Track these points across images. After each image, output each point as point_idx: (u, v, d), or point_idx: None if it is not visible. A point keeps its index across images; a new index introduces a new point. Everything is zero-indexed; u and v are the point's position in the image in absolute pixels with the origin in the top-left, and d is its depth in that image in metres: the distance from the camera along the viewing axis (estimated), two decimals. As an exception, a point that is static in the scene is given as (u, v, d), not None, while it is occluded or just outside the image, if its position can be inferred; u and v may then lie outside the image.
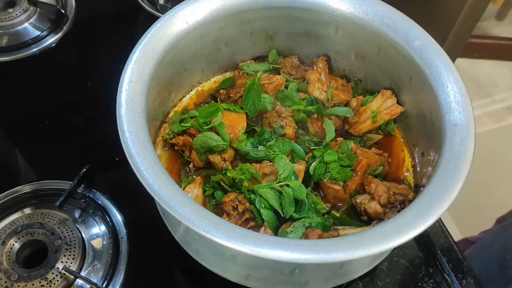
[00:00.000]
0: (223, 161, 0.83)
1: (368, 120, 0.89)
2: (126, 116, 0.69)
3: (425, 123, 0.81)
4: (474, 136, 0.70)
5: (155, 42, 0.78)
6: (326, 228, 0.76)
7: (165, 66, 0.81)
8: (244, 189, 0.77)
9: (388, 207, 0.79)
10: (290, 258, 0.58)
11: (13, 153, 1.05)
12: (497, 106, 2.41)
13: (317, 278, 0.76)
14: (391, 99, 0.88)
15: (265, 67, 0.95)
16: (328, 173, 0.81)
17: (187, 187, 0.81)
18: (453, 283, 0.89)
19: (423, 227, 0.62)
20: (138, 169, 0.64)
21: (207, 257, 0.78)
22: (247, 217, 0.77)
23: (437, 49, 0.79)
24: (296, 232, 0.75)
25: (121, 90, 0.72)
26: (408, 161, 0.88)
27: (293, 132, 0.87)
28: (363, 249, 0.59)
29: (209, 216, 0.62)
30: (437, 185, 0.67)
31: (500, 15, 2.66)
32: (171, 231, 0.81)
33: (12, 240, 0.83)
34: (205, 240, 0.60)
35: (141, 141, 0.67)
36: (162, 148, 0.87)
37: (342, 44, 0.92)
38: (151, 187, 0.63)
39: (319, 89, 0.92)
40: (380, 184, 0.80)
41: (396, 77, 0.88)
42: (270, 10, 0.88)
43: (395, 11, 0.84)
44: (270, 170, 0.80)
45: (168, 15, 0.80)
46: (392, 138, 0.92)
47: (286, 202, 0.76)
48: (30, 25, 1.21)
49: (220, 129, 0.82)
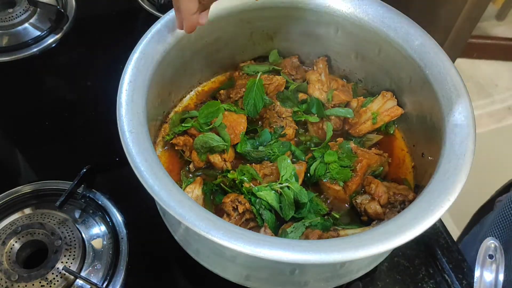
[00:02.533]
0: (224, 162, 0.83)
1: (368, 121, 0.89)
2: (126, 117, 0.69)
3: (425, 124, 0.81)
4: (474, 136, 0.70)
5: (155, 42, 0.78)
6: (326, 228, 0.76)
7: (165, 67, 0.81)
8: (244, 190, 0.77)
9: (388, 207, 0.80)
10: (290, 258, 0.58)
11: (13, 153, 1.05)
12: (497, 106, 2.41)
13: (317, 278, 0.76)
14: (392, 101, 0.88)
15: (266, 68, 0.95)
16: (328, 173, 0.81)
17: (187, 188, 0.81)
18: (453, 283, 0.89)
19: (423, 227, 0.62)
20: (139, 170, 0.64)
21: (207, 257, 0.78)
22: (247, 217, 0.77)
23: (437, 49, 0.79)
24: (296, 232, 0.75)
25: (121, 90, 0.72)
26: (408, 161, 0.88)
27: (293, 133, 0.87)
28: (363, 249, 0.59)
29: (209, 217, 0.62)
30: (437, 185, 0.67)
31: (500, 15, 2.66)
32: (171, 231, 0.82)
33: (12, 240, 0.83)
34: (205, 240, 0.59)
35: (141, 142, 0.67)
36: (162, 148, 0.87)
37: (342, 44, 0.92)
38: (151, 187, 0.63)
39: (319, 89, 0.92)
40: (380, 185, 0.80)
41: (396, 77, 0.88)
42: (270, 10, 0.88)
43: (395, 11, 0.84)
44: (270, 170, 0.80)
45: (169, 15, 0.80)
46: (392, 138, 0.92)
47: (286, 205, 0.76)
48: (30, 25, 1.21)
49: (221, 130, 0.82)
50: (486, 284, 0.79)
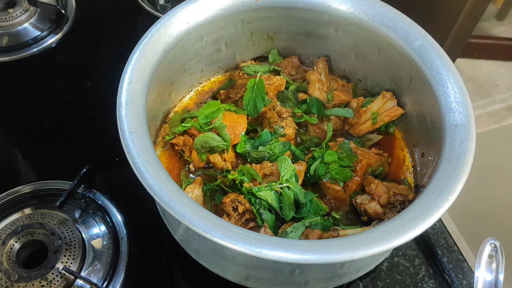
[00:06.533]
0: (224, 162, 0.83)
1: (368, 121, 0.89)
2: (126, 116, 0.69)
3: (425, 124, 0.81)
4: (474, 136, 0.70)
5: (155, 42, 0.78)
6: (326, 229, 0.76)
7: (165, 66, 0.81)
8: (244, 190, 0.77)
9: (388, 207, 0.79)
10: (290, 258, 0.58)
11: (13, 153, 1.05)
12: (497, 106, 2.40)
13: (317, 278, 0.76)
14: (392, 101, 0.88)
15: (266, 68, 0.95)
16: (328, 173, 0.81)
17: (187, 187, 0.81)
18: (453, 283, 0.89)
19: (423, 227, 0.62)
20: (139, 170, 0.64)
21: (207, 257, 0.78)
22: (247, 217, 0.77)
23: (437, 49, 0.79)
24: (296, 232, 0.75)
25: (121, 90, 0.72)
26: (408, 161, 0.88)
27: (293, 133, 0.87)
28: (363, 249, 0.59)
29: (209, 216, 0.62)
30: (437, 185, 0.66)
31: (500, 15, 2.66)
32: (171, 231, 0.82)
33: (12, 240, 0.83)
34: (205, 240, 0.60)
35: (141, 142, 0.67)
36: (162, 148, 0.87)
37: (342, 44, 0.92)
38: (151, 187, 0.63)
39: (319, 89, 0.92)
40: (380, 185, 0.80)
41: (397, 77, 0.88)
42: (270, 10, 0.88)
43: (395, 11, 0.84)
44: (270, 170, 0.80)
45: (168, 15, 0.80)
46: (393, 138, 0.92)
47: (286, 205, 0.76)
48: (30, 25, 1.21)
49: (221, 130, 0.82)
50: (486, 284, 0.79)
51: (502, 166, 2.05)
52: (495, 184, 1.99)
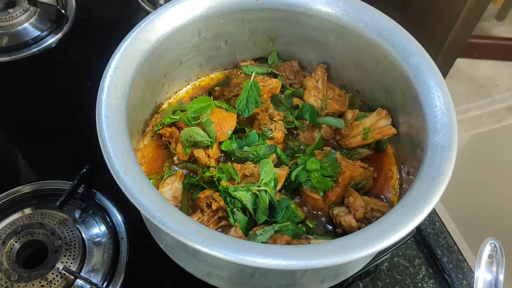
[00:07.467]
0: (207, 158, 0.83)
1: (359, 135, 0.87)
2: (105, 101, 0.70)
3: (413, 142, 0.80)
4: (453, 159, 0.69)
5: (148, 32, 0.78)
6: (296, 236, 0.75)
7: (158, 57, 0.81)
8: (221, 188, 0.77)
9: (364, 222, 0.78)
10: (234, 257, 0.58)
11: (13, 153, 1.05)
12: (497, 106, 2.40)
13: (279, 284, 0.75)
14: (386, 120, 0.86)
15: (263, 69, 0.95)
16: (309, 181, 0.80)
17: (168, 179, 0.81)
18: (453, 283, 0.89)
19: (381, 246, 0.61)
20: (108, 154, 0.65)
21: (173, 249, 0.78)
22: (220, 215, 0.77)
23: (432, 67, 0.78)
24: (264, 235, 0.74)
25: (106, 75, 0.72)
26: (396, 178, 0.87)
27: (281, 137, 0.86)
28: (316, 259, 0.58)
29: (165, 206, 0.62)
30: (406, 204, 0.65)
31: (500, 15, 2.65)
32: (145, 221, 0.81)
33: (12, 240, 0.83)
34: (165, 232, 0.60)
35: (116, 127, 0.68)
36: (150, 137, 0.88)
37: (342, 53, 0.91)
38: (117, 173, 0.63)
39: (314, 96, 0.92)
40: (359, 198, 0.79)
41: (391, 92, 0.86)
42: (271, 11, 0.88)
43: (395, 24, 0.83)
44: (251, 171, 0.79)
45: (166, 7, 0.81)
46: (384, 155, 0.90)
47: (260, 208, 0.76)
48: (30, 25, 1.21)
49: (207, 126, 0.82)
50: (486, 284, 0.79)
51: (502, 166, 2.05)
52: (495, 184, 1.99)
